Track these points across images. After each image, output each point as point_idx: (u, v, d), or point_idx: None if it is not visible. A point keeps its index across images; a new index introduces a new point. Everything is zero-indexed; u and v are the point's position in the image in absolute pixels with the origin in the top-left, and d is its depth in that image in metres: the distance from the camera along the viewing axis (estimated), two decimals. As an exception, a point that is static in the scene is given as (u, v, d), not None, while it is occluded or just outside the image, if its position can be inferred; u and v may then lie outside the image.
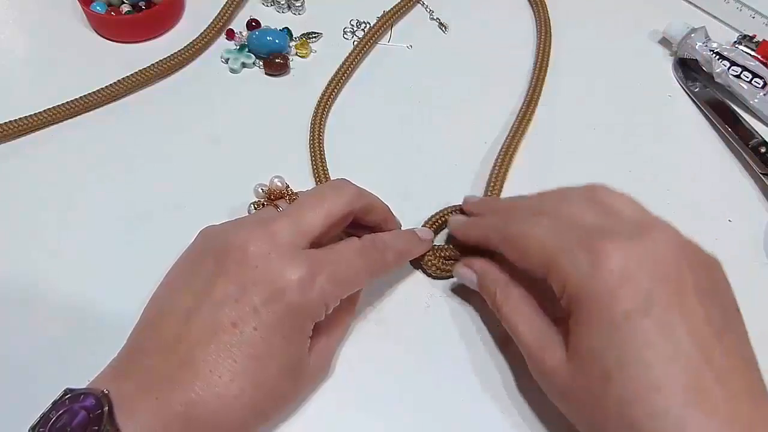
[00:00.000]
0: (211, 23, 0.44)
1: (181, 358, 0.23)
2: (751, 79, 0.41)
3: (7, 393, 0.29)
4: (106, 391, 0.22)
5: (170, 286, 0.27)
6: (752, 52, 0.41)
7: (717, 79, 0.41)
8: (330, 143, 0.38)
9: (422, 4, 0.47)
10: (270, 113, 0.40)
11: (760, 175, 0.37)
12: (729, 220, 0.36)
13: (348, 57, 0.42)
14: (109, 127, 0.39)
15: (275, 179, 0.34)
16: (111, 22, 0.43)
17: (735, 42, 0.42)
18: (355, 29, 0.45)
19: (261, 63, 0.42)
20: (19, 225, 0.35)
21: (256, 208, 0.34)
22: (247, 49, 0.42)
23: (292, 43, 0.43)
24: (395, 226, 0.32)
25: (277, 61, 0.41)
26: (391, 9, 0.45)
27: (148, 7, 0.43)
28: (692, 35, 0.42)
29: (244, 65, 0.42)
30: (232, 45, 0.44)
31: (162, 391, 0.23)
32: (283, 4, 0.46)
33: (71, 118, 0.39)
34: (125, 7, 0.43)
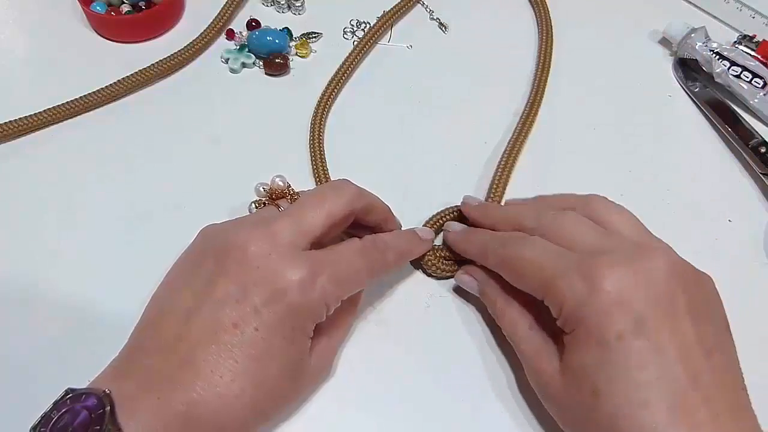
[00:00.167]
0: (211, 23, 0.44)
1: (182, 358, 0.23)
2: (751, 79, 0.41)
3: (7, 393, 0.29)
4: (108, 390, 0.22)
5: (171, 286, 0.27)
6: (752, 52, 0.41)
7: (717, 79, 0.41)
8: (330, 143, 0.38)
9: (422, 4, 0.47)
10: (270, 113, 0.40)
11: (760, 175, 0.37)
12: (729, 220, 0.36)
13: (348, 57, 0.42)
14: (109, 127, 0.39)
15: (276, 178, 0.34)
16: (111, 22, 0.43)
17: (735, 42, 0.42)
18: (355, 29, 0.45)
19: (261, 63, 0.42)
20: (19, 225, 0.35)
21: (257, 207, 0.34)
22: (247, 49, 0.42)
23: (292, 43, 0.43)
24: (396, 227, 0.32)
25: (277, 61, 0.41)
26: (391, 9, 0.45)
27: (148, 7, 0.43)
28: (692, 35, 0.42)
29: (244, 65, 0.42)
30: (232, 45, 0.44)
31: (163, 390, 0.23)
32: (283, 4, 0.46)
33: (71, 118, 0.39)
34: (125, 7, 0.43)
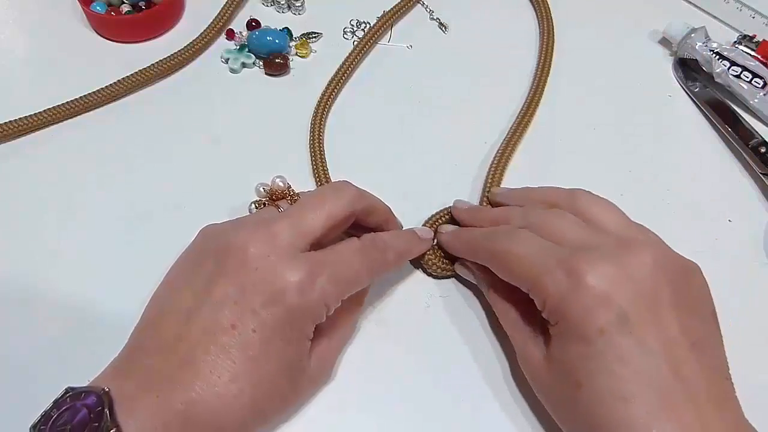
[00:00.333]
0: (211, 23, 0.44)
1: (182, 358, 0.23)
2: (751, 79, 0.41)
3: (7, 393, 0.29)
4: (107, 389, 0.22)
5: (171, 286, 0.27)
6: (752, 52, 0.41)
7: (717, 79, 0.41)
8: (330, 143, 0.38)
9: (422, 4, 0.47)
10: (270, 113, 0.40)
11: (760, 175, 0.37)
12: (729, 220, 0.36)
13: (348, 57, 0.42)
14: (109, 127, 0.39)
15: (277, 179, 0.34)
16: (111, 22, 0.43)
17: (735, 42, 0.42)
18: (355, 29, 0.45)
19: (261, 63, 0.42)
20: (19, 225, 0.35)
21: (257, 208, 0.34)
22: (247, 49, 0.42)
23: (292, 43, 0.43)
24: (396, 227, 0.33)
25: (277, 61, 0.41)
26: (391, 9, 0.45)
27: (148, 7, 0.43)
28: (692, 35, 0.42)
29: (244, 65, 0.42)
30: (232, 45, 0.44)
31: (162, 390, 0.23)
32: (283, 4, 0.46)
33: (71, 118, 0.39)
34: (125, 7, 0.43)
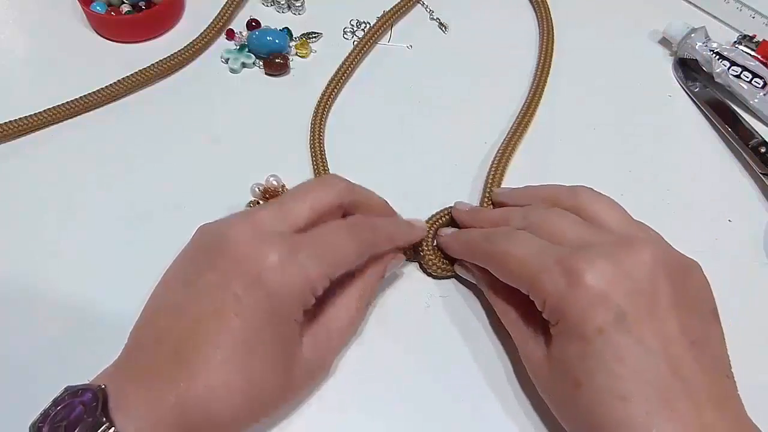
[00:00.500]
0: (211, 23, 0.44)
1: (172, 352, 0.23)
2: (751, 79, 0.41)
3: (7, 393, 0.29)
4: (104, 386, 0.23)
5: (166, 284, 0.27)
6: (752, 52, 0.41)
7: (717, 79, 0.41)
8: (330, 143, 0.38)
9: (422, 4, 0.47)
10: (270, 113, 0.40)
11: (760, 175, 0.37)
12: (729, 220, 0.36)
13: (348, 57, 0.42)
14: (109, 127, 0.39)
15: (271, 178, 0.34)
16: (111, 22, 0.43)
17: (735, 42, 0.42)
18: (355, 29, 0.45)
19: (261, 63, 0.42)
20: (19, 225, 0.35)
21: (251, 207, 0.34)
22: (247, 49, 0.42)
23: (292, 43, 0.43)
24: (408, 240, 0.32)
25: (277, 61, 0.41)
26: (391, 9, 0.45)
27: (148, 7, 0.43)
28: (692, 35, 0.42)
29: (244, 65, 0.42)
30: (232, 45, 0.44)
31: (154, 385, 0.23)
32: (283, 4, 0.46)
33: (71, 118, 0.39)
34: (125, 7, 0.43)
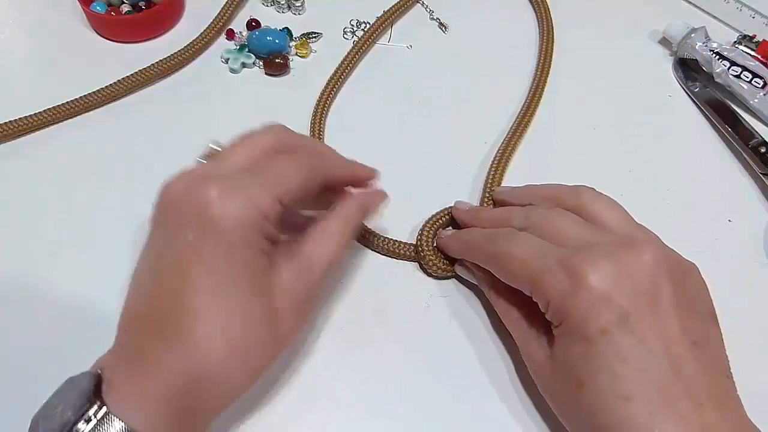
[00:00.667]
0: (211, 23, 0.44)
1: (146, 323, 0.23)
2: (751, 79, 0.41)
3: (7, 393, 0.29)
4: (100, 370, 0.23)
5: (137, 265, 0.26)
6: (752, 52, 0.41)
7: (717, 79, 0.41)
8: (330, 143, 0.38)
9: (422, 4, 0.47)
10: (270, 113, 0.40)
11: (760, 175, 0.37)
12: (729, 220, 0.36)
13: (347, 57, 0.42)
14: (109, 127, 0.39)
15: (212, 144, 0.31)
16: (111, 22, 0.43)
17: (735, 42, 0.42)
18: (355, 29, 0.45)
19: (261, 63, 0.42)
20: (19, 225, 0.35)
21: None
22: (247, 49, 0.42)
23: (292, 43, 0.43)
24: (370, 175, 0.32)
25: (277, 61, 0.41)
26: (390, 9, 0.45)
27: (148, 7, 0.43)
28: (692, 35, 0.42)
29: (244, 65, 0.42)
30: (232, 45, 0.44)
31: (137, 361, 0.23)
32: (283, 4, 0.46)
33: (71, 118, 0.39)
34: (125, 7, 0.43)
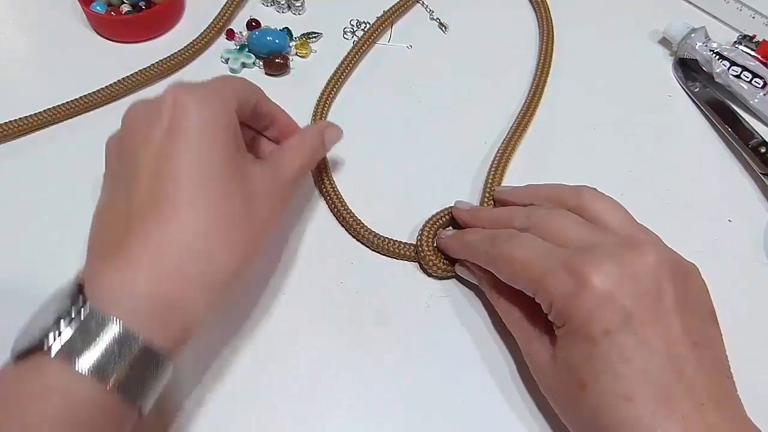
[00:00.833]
0: (211, 23, 0.44)
1: (122, 221, 0.24)
2: (751, 79, 0.41)
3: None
4: (80, 278, 0.23)
5: (102, 191, 0.29)
6: (752, 52, 0.41)
7: (717, 79, 0.41)
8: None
9: (422, 4, 0.47)
10: (270, 113, 0.40)
11: (760, 175, 0.37)
12: (729, 220, 0.36)
13: (347, 56, 0.42)
14: (109, 127, 0.39)
15: None
16: (111, 22, 0.43)
17: (735, 42, 0.42)
18: (355, 29, 0.45)
19: (261, 63, 0.42)
20: (19, 225, 0.35)
21: None
22: (247, 49, 0.42)
23: (292, 43, 0.43)
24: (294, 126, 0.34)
25: (277, 61, 0.41)
26: (390, 9, 0.45)
27: (148, 7, 0.43)
28: (692, 35, 0.42)
29: (244, 65, 0.42)
30: (232, 45, 0.44)
31: (116, 256, 0.23)
32: (283, 4, 0.46)
33: (71, 118, 0.39)
34: (125, 7, 0.43)
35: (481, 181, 0.37)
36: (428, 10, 0.47)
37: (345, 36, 0.45)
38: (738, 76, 0.41)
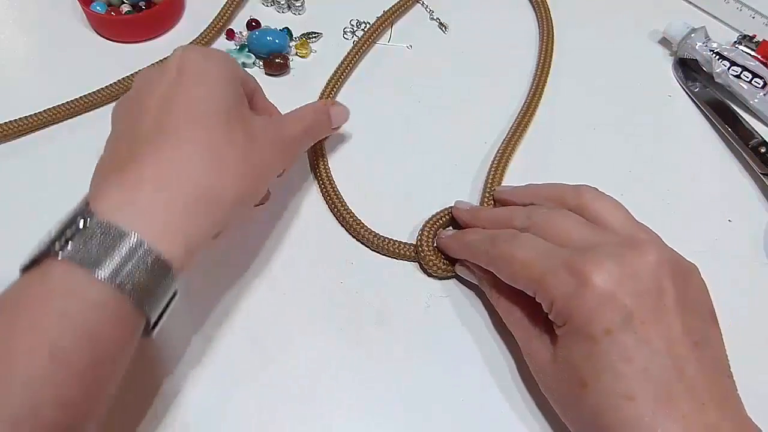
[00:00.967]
0: (211, 23, 0.44)
1: (129, 143, 0.26)
2: (751, 79, 0.41)
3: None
4: (86, 199, 0.23)
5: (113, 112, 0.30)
6: (752, 52, 0.41)
7: (717, 79, 0.41)
8: (330, 143, 0.38)
9: (422, 4, 0.47)
10: (270, 113, 0.40)
11: (760, 175, 0.37)
12: (729, 220, 0.36)
13: (347, 56, 0.42)
14: (109, 127, 0.39)
15: None
16: (111, 22, 0.43)
17: (735, 42, 0.42)
18: (355, 29, 0.45)
19: (261, 63, 0.42)
20: (19, 225, 0.35)
21: None
22: (247, 49, 0.42)
23: (292, 43, 0.43)
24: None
25: (277, 61, 0.41)
26: (390, 8, 0.45)
27: (148, 7, 0.43)
28: (692, 35, 0.42)
29: (244, 65, 0.42)
30: (232, 45, 0.44)
31: (124, 171, 0.24)
32: (283, 4, 0.46)
33: (71, 118, 0.39)
34: (125, 7, 0.43)
35: (481, 181, 0.37)
36: (428, 10, 0.47)
37: (345, 36, 0.45)
38: (738, 76, 0.41)
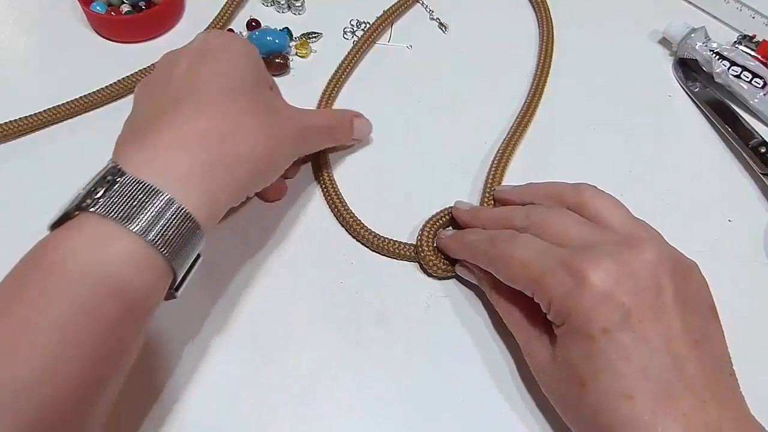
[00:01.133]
0: (211, 23, 0.44)
1: (153, 114, 0.26)
2: (751, 79, 0.41)
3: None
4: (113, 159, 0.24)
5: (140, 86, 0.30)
6: (752, 52, 0.41)
7: (717, 79, 0.41)
8: (330, 143, 0.38)
9: (422, 4, 0.47)
10: (270, 113, 0.40)
11: (760, 175, 0.37)
12: (729, 220, 0.36)
13: (347, 56, 0.42)
14: (110, 127, 0.39)
15: None
16: (111, 22, 0.43)
17: (735, 42, 0.42)
18: (355, 29, 0.45)
19: (261, 63, 0.42)
20: (19, 225, 0.35)
21: None
22: (247, 49, 0.42)
23: (292, 43, 0.43)
24: None
25: (277, 61, 0.41)
26: (390, 8, 0.45)
27: (148, 7, 0.43)
28: (692, 35, 0.42)
29: (244, 65, 0.42)
30: (232, 45, 0.44)
31: (148, 131, 0.25)
32: (283, 4, 0.46)
33: (71, 118, 0.39)
34: (125, 7, 0.43)
35: (481, 181, 0.37)
36: (428, 10, 0.47)
37: (345, 36, 0.45)
38: (738, 76, 0.41)
